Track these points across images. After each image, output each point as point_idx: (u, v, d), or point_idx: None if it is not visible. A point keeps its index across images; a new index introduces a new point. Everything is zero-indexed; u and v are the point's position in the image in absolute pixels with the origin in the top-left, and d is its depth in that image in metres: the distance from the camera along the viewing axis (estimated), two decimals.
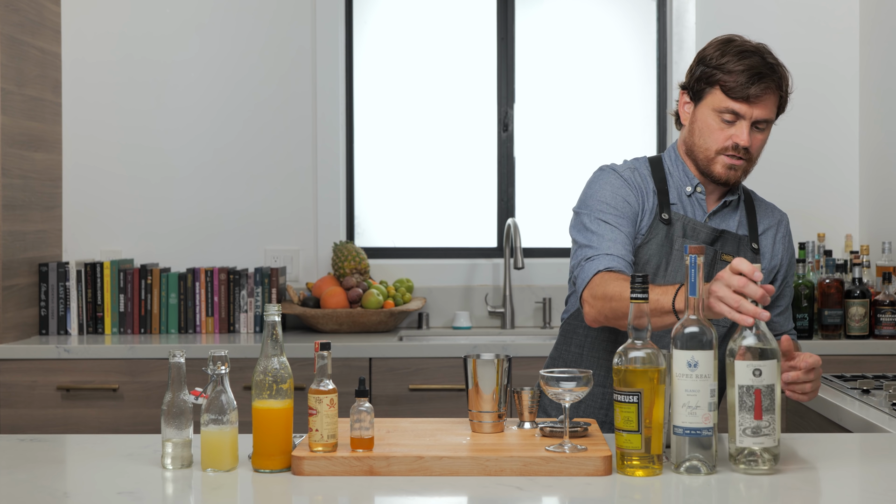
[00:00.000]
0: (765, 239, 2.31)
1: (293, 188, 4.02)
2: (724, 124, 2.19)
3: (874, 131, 3.92)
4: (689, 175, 2.27)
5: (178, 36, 4.02)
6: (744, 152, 2.19)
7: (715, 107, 2.19)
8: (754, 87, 2.17)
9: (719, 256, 2.23)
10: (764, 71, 2.19)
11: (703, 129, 2.21)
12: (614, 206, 2.21)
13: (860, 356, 3.41)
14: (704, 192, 2.27)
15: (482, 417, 1.95)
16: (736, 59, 2.18)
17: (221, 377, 1.78)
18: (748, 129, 2.18)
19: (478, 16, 4.19)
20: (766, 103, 2.20)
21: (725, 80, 2.17)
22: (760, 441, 1.72)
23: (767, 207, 2.37)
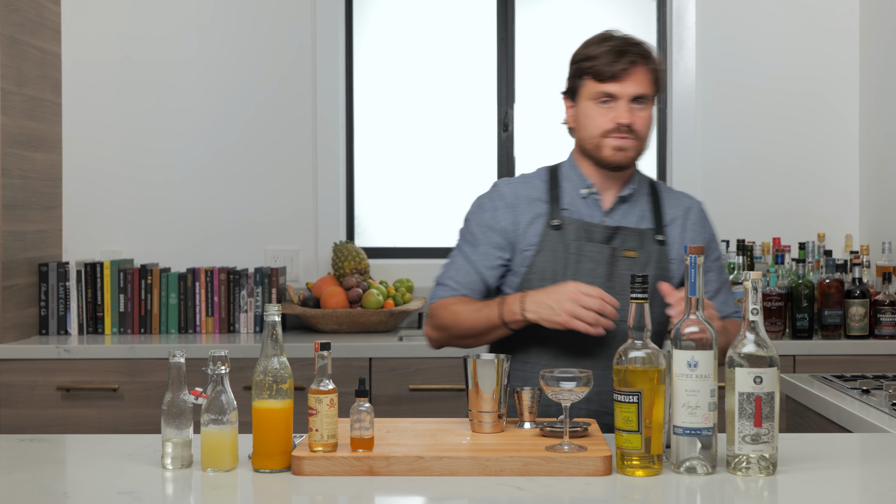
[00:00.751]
0: (672, 229, 2.33)
1: (293, 188, 4.02)
2: (603, 109, 2.26)
3: (874, 131, 3.92)
4: (582, 177, 2.33)
5: (178, 36, 4.02)
6: (628, 131, 2.25)
7: (590, 96, 2.27)
8: (619, 63, 2.23)
9: (619, 253, 2.26)
10: (626, 48, 2.25)
11: (585, 121, 2.29)
12: (478, 231, 2.31)
13: (860, 356, 3.41)
14: (598, 191, 2.32)
15: (482, 417, 1.95)
16: (597, 46, 2.27)
17: (221, 377, 1.78)
18: (626, 106, 2.24)
19: (478, 16, 4.19)
20: (637, 78, 2.25)
21: (593, 66, 2.25)
22: (759, 448, 1.72)
23: (676, 197, 2.39)
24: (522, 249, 2.27)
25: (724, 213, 4.02)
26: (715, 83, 4.04)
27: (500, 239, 2.28)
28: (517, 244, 2.28)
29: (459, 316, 2.23)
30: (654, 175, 4.15)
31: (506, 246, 2.29)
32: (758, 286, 1.74)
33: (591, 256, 2.25)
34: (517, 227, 2.29)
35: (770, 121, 4.04)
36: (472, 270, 2.29)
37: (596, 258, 2.25)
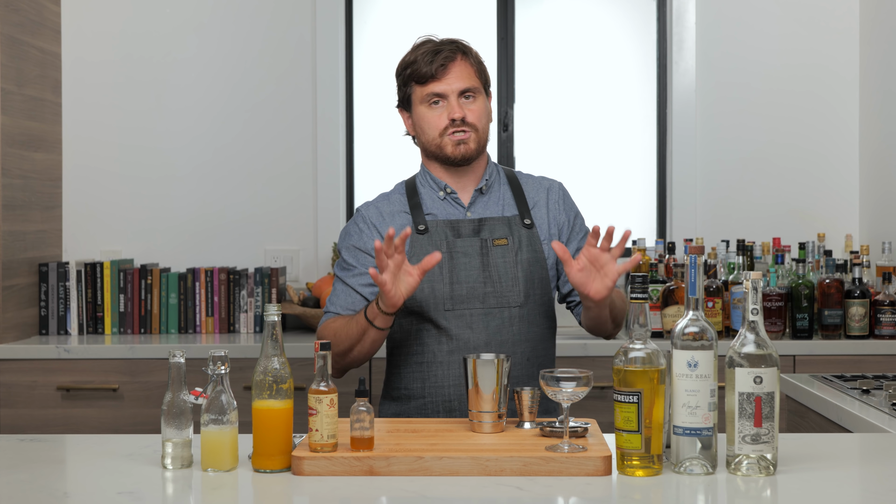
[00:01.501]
0: (537, 212, 2.40)
1: (293, 188, 4.02)
2: (435, 109, 2.33)
3: (874, 131, 3.92)
4: (436, 181, 2.40)
5: (178, 35, 4.02)
6: (462, 123, 2.32)
7: (420, 100, 2.34)
8: (435, 62, 2.31)
9: (491, 243, 2.33)
10: (439, 47, 2.33)
11: (421, 125, 2.37)
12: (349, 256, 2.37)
13: (860, 356, 3.41)
14: (455, 191, 2.38)
15: (482, 417, 1.95)
16: (413, 52, 2.36)
17: (221, 377, 1.78)
18: (456, 101, 2.31)
19: (478, 16, 4.19)
20: (458, 73, 2.33)
21: (414, 70, 2.33)
22: (759, 449, 1.72)
23: (535, 182, 2.46)
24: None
25: (724, 213, 4.03)
26: (715, 83, 4.04)
27: (371, 258, 2.34)
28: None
29: (338, 333, 2.27)
30: (655, 175, 4.15)
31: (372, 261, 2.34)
32: (758, 286, 1.74)
33: (463, 251, 2.31)
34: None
35: (770, 121, 4.04)
36: (351, 292, 2.34)
37: (468, 252, 2.31)
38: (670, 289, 3.47)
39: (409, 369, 2.34)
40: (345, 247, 2.39)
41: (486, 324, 2.29)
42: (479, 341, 2.28)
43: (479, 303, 2.29)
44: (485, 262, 2.31)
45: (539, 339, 2.35)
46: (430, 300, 2.30)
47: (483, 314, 2.30)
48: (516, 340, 2.30)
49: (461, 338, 2.29)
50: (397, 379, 2.37)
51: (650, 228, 4.15)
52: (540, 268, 2.35)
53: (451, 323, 2.29)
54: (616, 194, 4.14)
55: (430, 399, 2.31)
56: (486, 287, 2.30)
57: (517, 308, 2.31)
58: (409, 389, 2.34)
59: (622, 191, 4.16)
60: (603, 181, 4.14)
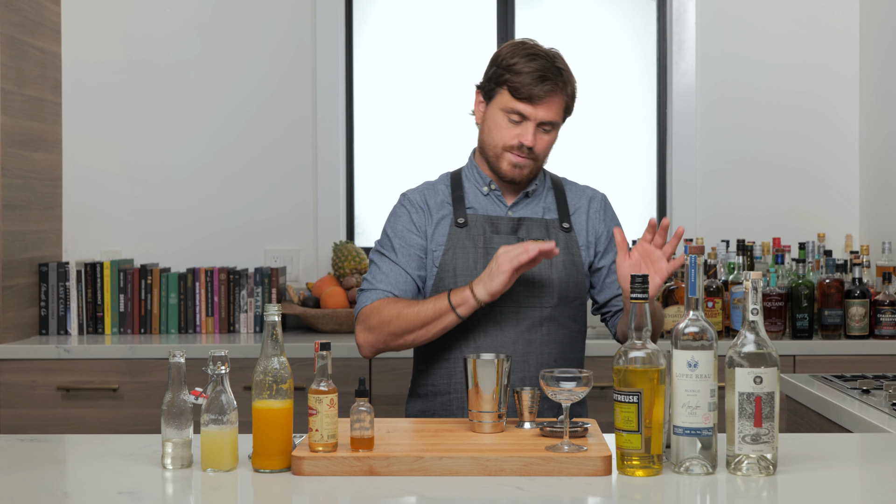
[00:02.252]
0: (577, 217, 2.40)
1: (293, 188, 4.02)
2: (511, 124, 2.30)
3: (874, 131, 3.92)
4: (482, 176, 2.38)
5: (178, 36, 4.02)
6: (528, 152, 2.30)
7: (503, 107, 2.30)
8: (538, 88, 2.26)
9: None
10: (549, 74, 2.27)
11: (491, 128, 2.33)
12: (397, 238, 2.35)
13: (860, 356, 3.41)
14: (500, 188, 2.37)
15: (482, 417, 1.95)
16: (524, 62, 2.27)
17: (221, 377, 1.78)
18: (533, 129, 2.28)
19: (478, 16, 4.19)
20: (550, 105, 2.29)
21: (512, 81, 2.27)
22: (759, 448, 1.72)
23: (579, 190, 2.46)
24: (432, 250, 2.33)
25: (724, 213, 4.03)
26: (715, 83, 4.04)
27: (420, 240, 2.34)
28: (428, 245, 2.34)
29: (402, 310, 2.24)
30: (655, 175, 4.15)
31: (424, 248, 2.34)
32: (758, 286, 1.74)
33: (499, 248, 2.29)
34: (428, 229, 2.35)
35: (770, 121, 4.04)
36: (401, 272, 2.32)
37: None
38: (670, 289, 3.47)
39: (436, 366, 2.33)
40: (392, 228, 2.37)
41: (517, 323, 2.29)
42: (507, 340, 2.28)
43: (511, 301, 2.29)
44: None
45: (568, 341, 2.34)
46: None
47: (514, 313, 2.29)
48: (544, 341, 2.30)
49: (490, 335, 2.28)
50: (424, 376, 2.37)
51: None
52: (575, 271, 2.34)
53: (481, 320, 2.28)
54: (616, 194, 4.11)
55: (455, 395, 2.31)
56: (519, 286, 2.28)
57: (549, 309, 2.30)
58: (435, 386, 2.34)
59: (622, 191, 4.16)
60: (603, 181, 4.12)
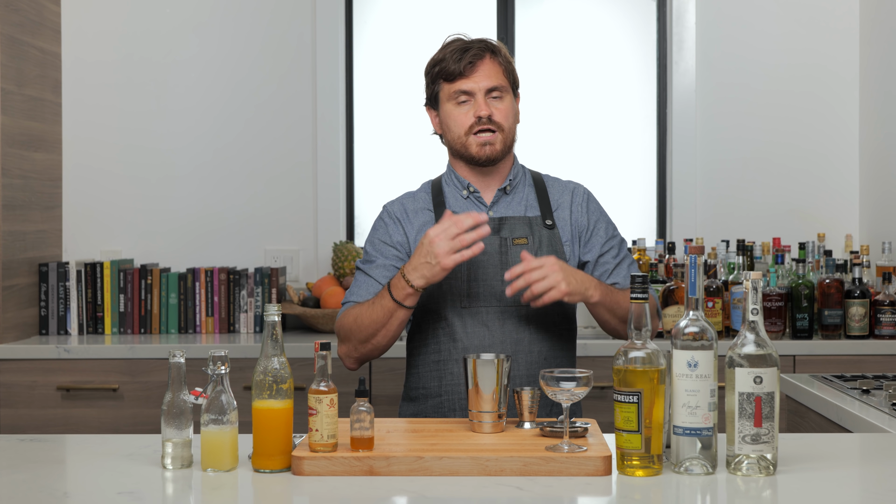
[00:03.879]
0: (560, 213, 2.40)
1: (293, 188, 4.02)
2: (462, 107, 2.33)
3: (874, 131, 3.92)
4: (460, 180, 2.40)
5: (178, 36, 4.02)
6: (489, 122, 2.31)
7: (448, 97, 2.34)
8: (464, 58, 2.31)
9: (511, 242, 2.33)
10: (469, 45, 2.34)
11: (448, 122, 2.36)
12: (374, 251, 2.37)
13: (860, 356, 3.41)
14: (478, 190, 2.39)
15: (482, 417, 1.95)
16: (444, 49, 2.36)
17: (221, 377, 1.78)
18: (483, 99, 2.31)
19: (478, 16, 4.19)
20: (486, 71, 2.33)
21: (442, 68, 2.33)
22: (759, 448, 1.72)
23: (560, 185, 2.46)
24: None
25: (724, 213, 4.03)
26: (715, 83, 4.04)
27: (396, 251, 2.35)
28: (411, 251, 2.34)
29: (359, 318, 2.26)
30: (655, 176, 4.15)
31: (402, 257, 2.35)
32: (758, 286, 1.74)
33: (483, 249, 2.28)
34: (408, 238, 2.37)
35: (770, 121, 4.04)
36: (373, 282, 2.33)
37: (486, 250, 2.31)
38: (670, 289, 3.47)
39: (426, 368, 2.34)
40: (370, 241, 2.40)
41: (502, 322, 2.29)
42: (495, 340, 2.28)
43: (496, 301, 2.29)
44: (503, 261, 2.31)
45: (557, 339, 2.35)
46: (448, 297, 2.30)
47: (498, 312, 2.30)
48: (532, 339, 2.30)
49: (477, 336, 2.29)
50: (415, 378, 2.38)
51: (650, 228, 4.15)
52: None
53: (467, 321, 2.29)
54: (616, 194, 4.14)
55: (446, 398, 2.31)
56: (503, 285, 2.28)
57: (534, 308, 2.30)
58: (426, 389, 2.34)
59: (622, 191, 4.16)
60: (603, 181, 4.13)
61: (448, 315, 2.30)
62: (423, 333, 2.35)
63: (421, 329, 2.36)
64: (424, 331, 2.35)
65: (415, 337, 2.39)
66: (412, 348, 2.40)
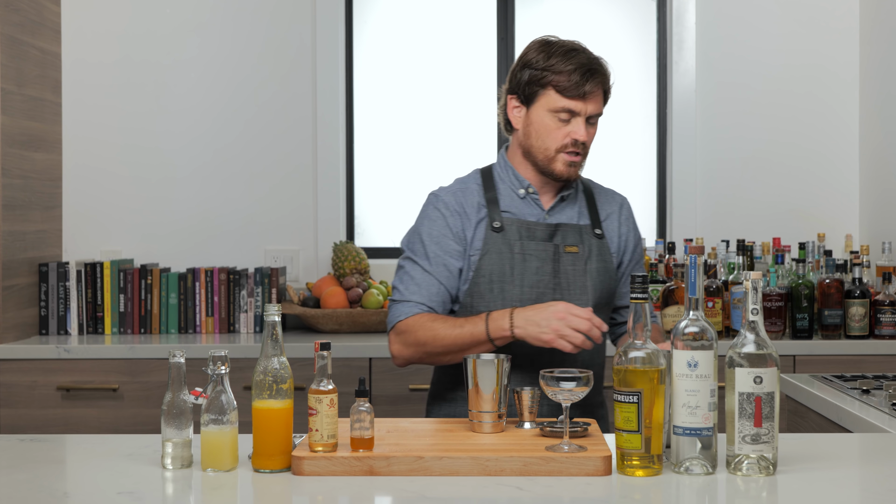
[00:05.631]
0: (609, 224, 2.40)
1: (293, 188, 4.02)
2: (560, 123, 2.27)
3: (874, 131, 3.92)
4: (519, 178, 2.35)
5: (178, 36, 4.02)
6: (582, 147, 2.28)
7: (550, 107, 2.26)
8: (588, 83, 2.25)
9: (562, 249, 2.30)
10: (594, 67, 2.27)
11: (540, 131, 2.29)
12: (433, 243, 2.30)
13: (860, 356, 3.41)
14: (537, 192, 2.35)
15: (482, 417, 1.95)
16: (564, 60, 2.25)
17: (221, 377, 1.78)
18: (584, 124, 2.27)
19: (478, 16, 4.19)
20: (597, 98, 2.29)
21: (558, 81, 2.24)
22: (759, 448, 1.72)
23: (607, 194, 2.46)
24: (469, 255, 2.30)
25: (724, 213, 4.03)
26: (715, 83, 4.04)
27: (457, 246, 2.30)
28: (466, 250, 2.31)
29: (439, 333, 2.21)
30: (655, 175, 4.15)
31: (462, 253, 2.30)
32: (758, 286, 1.74)
33: (536, 255, 2.29)
34: (466, 233, 2.31)
35: (770, 121, 4.04)
36: (433, 281, 2.28)
37: (540, 256, 2.29)
38: (670, 289, 3.47)
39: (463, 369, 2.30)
40: (427, 233, 2.32)
41: None
42: (543, 348, 2.22)
43: None
44: (556, 269, 2.28)
45: (598, 348, 2.33)
46: (499, 302, 2.26)
47: None
48: None
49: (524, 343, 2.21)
50: (451, 379, 2.33)
51: (650, 228, 4.15)
52: (608, 278, 2.34)
53: None
54: None
55: None
56: (555, 293, 2.27)
57: None
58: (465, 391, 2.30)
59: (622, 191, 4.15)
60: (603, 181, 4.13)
61: None
62: None
63: None
64: None
65: None
66: None
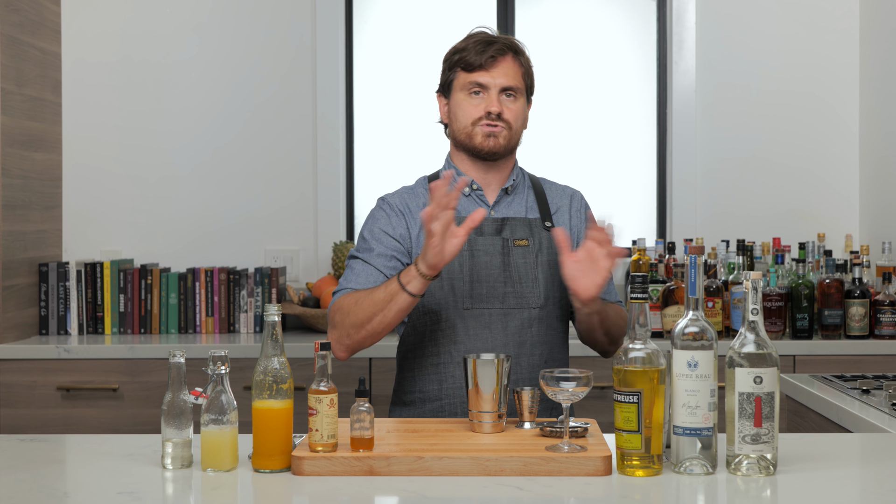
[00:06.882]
0: (559, 216, 2.40)
1: (293, 188, 4.02)
2: (474, 99, 2.32)
3: (874, 132, 3.92)
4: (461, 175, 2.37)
5: (178, 36, 4.02)
6: (499, 119, 2.31)
7: (462, 87, 2.33)
8: (488, 51, 2.30)
9: (512, 243, 2.31)
10: (494, 40, 2.33)
11: (457, 112, 2.34)
12: (373, 238, 2.32)
13: (860, 356, 3.41)
14: (481, 188, 2.37)
15: (482, 417, 1.95)
16: (467, 39, 2.35)
17: (221, 377, 1.78)
18: (496, 96, 2.31)
19: (478, 16, 4.19)
20: (505, 69, 2.32)
21: (462, 57, 2.32)
22: (759, 448, 1.72)
23: (558, 188, 2.46)
24: (416, 253, 2.30)
25: (724, 213, 4.03)
26: (715, 84, 4.04)
27: (396, 243, 2.31)
28: (412, 251, 2.31)
29: (359, 301, 2.17)
30: (655, 175, 4.15)
31: (403, 251, 2.31)
32: (758, 286, 1.74)
33: (485, 249, 2.29)
34: (410, 233, 2.33)
35: (770, 121, 4.04)
36: (372, 270, 2.27)
37: (489, 250, 2.29)
38: (670, 289, 3.47)
39: (423, 372, 2.30)
40: (369, 230, 2.34)
41: (505, 325, 2.27)
42: (497, 342, 2.25)
43: (499, 303, 2.27)
44: (506, 262, 2.29)
45: (556, 341, 2.34)
46: (450, 298, 2.27)
47: (502, 314, 2.27)
48: (535, 342, 2.28)
49: (479, 338, 2.26)
50: (411, 383, 2.33)
51: (650, 228, 4.15)
52: (560, 271, 2.32)
53: (469, 323, 2.26)
54: (616, 194, 4.14)
55: (447, 401, 2.28)
56: (506, 287, 2.27)
57: (536, 310, 2.29)
58: (423, 392, 2.30)
59: (622, 191, 4.16)
60: (603, 181, 4.14)
61: (449, 317, 2.27)
62: (419, 335, 2.31)
63: (417, 331, 2.31)
64: (421, 333, 2.30)
65: (409, 339, 2.33)
66: (406, 351, 2.35)
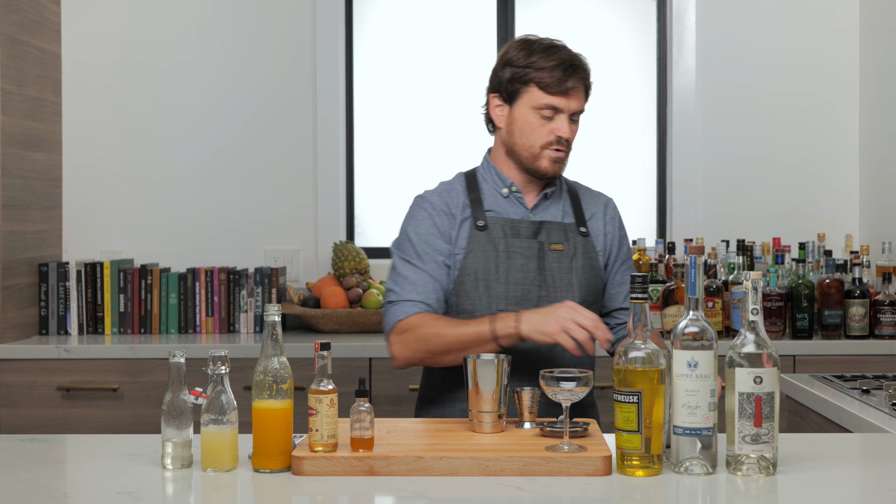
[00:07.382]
0: (594, 222, 2.39)
1: (293, 188, 4.02)
2: (543, 120, 2.28)
3: (874, 131, 3.92)
4: (502, 178, 2.35)
5: (178, 36, 4.02)
6: (565, 144, 2.29)
7: (533, 104, 2.27)
8: (570, 80, 2.25)
9: (547, 247, 2.31)
10: (575, 63, 2.28)
11: (524, 129, 2.29)
12: (422, 242, 2.29)
13: (860, 356, 3.41)
14: (521, 190, 2.35)
15: (482, 417, 1.95)
16: (545, 56, 2.26)
17: (221, 377, 1.78)
18: (567, 121, 2.28)
19: (478, 16, 4.19)
20: (579, 95, 2.29)
21: (541, 78, 2.25)
22: (759, 448, 1.72)
23: (592, 194, 2.46)
24: (455, 254, 2.30)
25: (724, 213, 4.03)
26: (715, 84, 4.04)
27: (445, 244, 2.29)
28: (452, 250, 2.30)
29: (442, 331, 2.18)
30: (655, 175, 4.15)
31: (450, 254, 2.30)
32: (758, 286, 1.74)
33: (521, 252, 2.29)
34: (451, 232, 2.31)
35: (770, 121, 4.04)
36: (429, 279, 2.26)
37: (525, 253, 2.29)
38: (670, 289, 3.47)
39: (454, 371, 2.26)
40: (415, 232, 2.30)
41: None
42: (530, 345, 2.23)
43: (533, 306, 2.25)
44: (541, 266, 2.28)
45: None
46: (484, 299, 2.25)
47: None
48: None
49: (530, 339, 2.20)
50: (441, 382, 2.32)
51: (650, 228, 4.15)
52: (594, 276, 2.33)
53: None
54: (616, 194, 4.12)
55: None
56: (540, 291, 2.27)
57: None
58: (454, 392, 2.29)
59: (622, 191, 4.16)
60: (603, 181, 4.13)
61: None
62: None
63: None
64: None
65: None
66: None
